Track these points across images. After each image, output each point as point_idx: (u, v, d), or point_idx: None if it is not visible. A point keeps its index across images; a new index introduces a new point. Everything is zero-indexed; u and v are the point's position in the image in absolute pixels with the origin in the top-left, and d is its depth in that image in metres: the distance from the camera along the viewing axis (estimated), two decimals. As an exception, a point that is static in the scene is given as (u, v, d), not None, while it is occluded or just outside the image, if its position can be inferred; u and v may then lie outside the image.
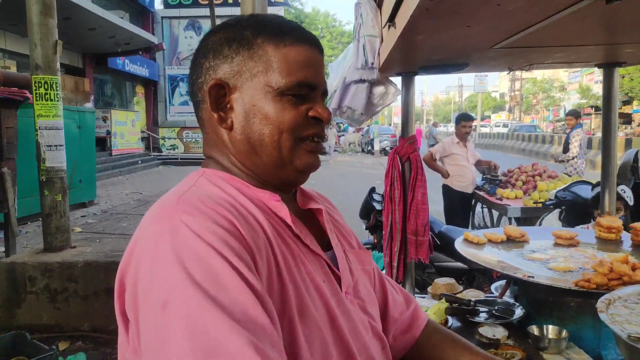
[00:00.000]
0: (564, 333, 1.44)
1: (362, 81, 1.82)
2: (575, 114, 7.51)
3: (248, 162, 0.78)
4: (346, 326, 0.74)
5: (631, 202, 3.11)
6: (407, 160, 2.01)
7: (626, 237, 1.98)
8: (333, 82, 1.99)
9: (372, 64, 1.71)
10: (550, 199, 4.07)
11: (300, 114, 0.76)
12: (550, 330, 1.48)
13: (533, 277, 1.51)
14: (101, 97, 16.72)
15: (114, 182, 12.66)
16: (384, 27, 1.57)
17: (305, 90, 0.76)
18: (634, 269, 1.36)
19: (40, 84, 3.96)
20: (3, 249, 5.24)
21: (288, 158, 0.77)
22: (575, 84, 41.99)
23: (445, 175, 5.46)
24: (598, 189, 3.18)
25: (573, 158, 7.03)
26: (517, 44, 1.35)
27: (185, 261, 0.59)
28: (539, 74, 49.32)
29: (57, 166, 4.05)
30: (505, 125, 40.36)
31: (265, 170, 0.78)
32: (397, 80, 2.09)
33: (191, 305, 0.56)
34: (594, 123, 25.89)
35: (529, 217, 4.57)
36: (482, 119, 53.88)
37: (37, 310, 3.81)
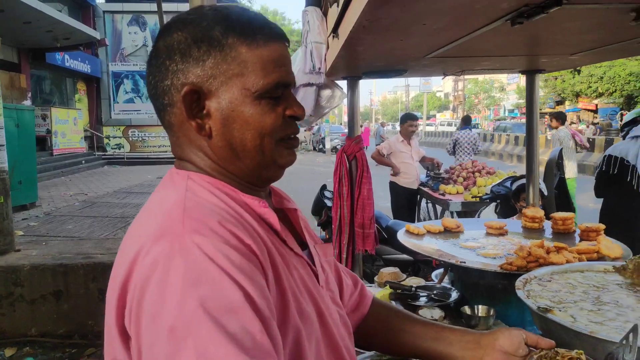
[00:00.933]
0: (492, 311, 1.62)
1: (310, 85, 1.94)
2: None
3: (230, 167, 0.76)
4: (330, 320, 0.78)
5: (546, 193, 3.40)
6: (353, 158, 2.15)
7: (548, 226, 2.22)
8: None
9: (319, 68, 1.83)
10: (487, 194, 4.36)
11: (279, 115, 0.75)
12: (481, 310, 1.66)
13: (465, 262, 1.68)
14: (39, 94, 15.93)
15: (56, 183, 12.13)
16: (329, 35, 1.69)
17: (282, 90, 0.75)
18: (548, 252, 1.56)
19: (-23, 82, 3.81)
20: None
21: (271, 159, 0.76)
22: (514, 84, 44.29)
23: (396, 169, 5.66)
24: (518, 182, 3.48)
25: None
26: (448, 53, 1.51)
27: (197, 287, 0.58)
28: (480, 75, 51.45)
29: (-3, 167, 3.91)
30: (449, 124, 41.93)
31: (248, 173, 0.77)
32: (344, 83, 2.22)
33: (201, 334, 0.55)
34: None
35: (469, 210, 4.87)
36: (428, 118, 55.63)
37: (-22, 317, 3.66)
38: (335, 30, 1.40)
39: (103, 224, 7.36)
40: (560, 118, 7.18)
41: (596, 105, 29.54)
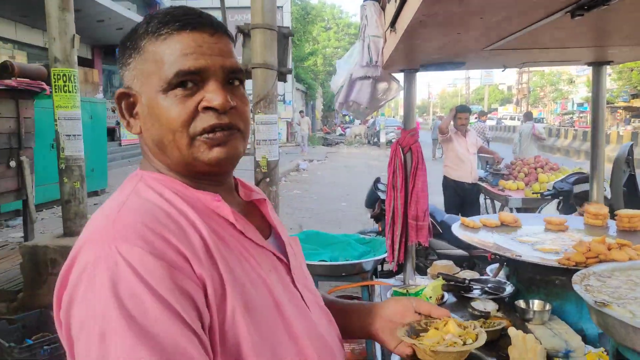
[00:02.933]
0: (547, 306, 1.60)
1: (366, 78, 1.98)
2: None
3: (166, 163, 0.78)
4: (293, 311, 0.76)
5: (609, 197, 3.25)
6: (408, 150, 2.16)
7: (613, 224, 2.13)
8: (340, 79, 2.15)
9: (376, 62, 1.86)
10: (549, 190, 4.21)
11: (188, 108, 0.72)
12: (536, 304, 1.64)
13: (521, 256, 1.67)
14: (110, 88, 16.92)
15: (124, 172, 12.89)
16: (386, 30, 1.72)
17: (189, 79, 0.72)
18: (609, 248, 1.51)
19: (59, 76, 4.13)
20: (22, 234, 5.47)
21: (190, 156, 0.74)
22: (584, 76, 41.76)
23: (452, 114, 5.44)
24: (581, 186, 3.33)
25: None
26: (508, 46, 1.49)
27: (121, 296, 0.59)
28: (547, 67, 48.98)
29: (75, 155, 4.23)
30: (512, 118, 40.25)
31: (183, 169, 0.77)
32: (400, 76, 2.24)
33: (126, 341, 0.57)
34: (601, 116, 25.95)
35: (529, 207, 4.71)
36: (490, 112, 53.67)
37: (57, 292, 4.01)
38: (392, 24, 1.43)
39: (166, 211, 7.74)
40: None
41: (676, 98, 27.32)
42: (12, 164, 4.79)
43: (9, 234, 6.12)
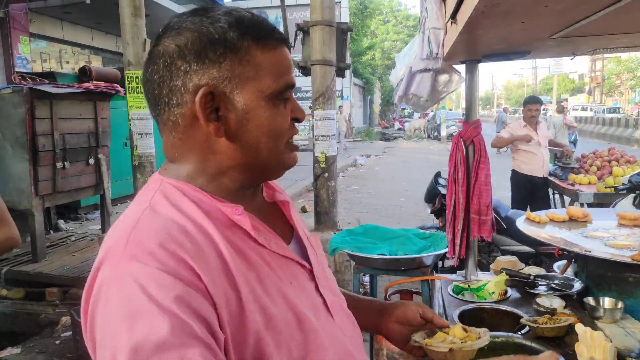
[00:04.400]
0: (620, 304, 1.53)
1: (426, 70, 1.96)
2: None
3: (235, 172, 0.77)
4: (315, 318, 0.76)
5: None
6: (470, 143, 2.13)
7: (696, 219, 1.98)
8: (399, 72, 2.14)
9: (437, 54, 1.84)
10: (624, 184, 3.96)
11: (287, 117, 0.77)
12: (607, 302, 1.57)
13: (591, 252, 1.60)
14: (176, 88, 17.72)
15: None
16: (447, 21, 1.70)
17: (289, 93, 0.77)
18: (690, 244, 1.42)
19: (132, 79, 4.41)
20: (99, 226, 5.89)
21: (279, 161, 0.78)
22: (666, 61, 38.48)
23: (526, 139, 5.12)
24: None
25: None
26: (576, 33, 1.43)
27: (129, 316, 0.60)
28: (622, 52, 45.64)
29: (147, 152, 4.50)
30: (584, 109, 37.88)
31: (252, 177, 0.79)
32: (462, 67, 2.20)
33: None
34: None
35: (602, 202, 4.45)
36: (559, 102, 50.79)
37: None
38: (453, 16, 1.41)
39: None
40: None
41: None
42: (91, 161, 5.16)
43: (89, 226, 6.60)
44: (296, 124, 0.81)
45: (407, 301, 1.07)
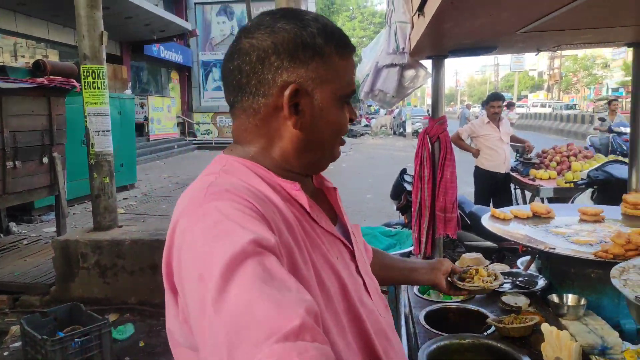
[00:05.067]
0: (582, 301, 1.53)
1: (393, 65, 1.92)
2: None
3: (294, 159, 0.86)
4: (355, 296, 0.84)
5: None
6: (436, 140, 2.10)
7: (653, 214, 2.03)
8: (365, 67, 2.09)
9: (403, 49, 1.80)
10: (582, 179, 4.06)
11: (347, 117, 0.88)
12: (570, 299, 1.57)
13: (555, 248, 1.60)
14: (138, 83, 17.22)
15: (152, 167, 13.14)
16: (413, 15, 1.66)
17: (348, 94, 0.88)
18: (651, 240, 1.43)
19: (88, 73, 4.20)
20: (54, 228, 5.63)
21: (331, 154, 0.89)
22: (620, 60, 40.18)
23: (475, 154, 5.47)
24: None
25: None
26: (542, 27, 1.42)
27: (216, 241, 0.66)
28: (579, 51, 47.42)
29: (104, 150, 4.31)
30: (543, 105, 39.12)
31: (307, 166, 0.88)
32: (428, 63, 2.17)
33: (218, 282, 0.62)
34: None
35: (562, 197, 4.56)
36: (519, 99, 52.34)
37: (88, 285, 4.11)
38: (421, 8, 1.37)
39: (194, 204, 7.85)
40: None
41: None
42: (45, 160, 4.92)
43: (43, 229, 6.31)
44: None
45: (443, 259, 1.39)
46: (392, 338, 0.90)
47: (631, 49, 2.04)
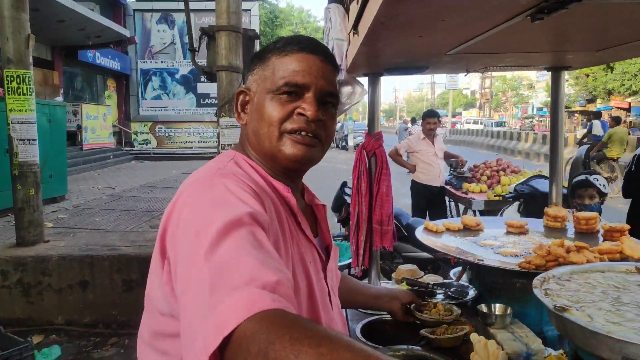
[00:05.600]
0: (509, 310, 1.61)
1: (330, 81, 1.95)
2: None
3: (258, 153, 0.96)
4: (320, 299, 0.91)
5: (605, 190, 3.32)
6: (373, 155, 2.15)
7: (570, 226, 2.18)
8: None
9: (340, 65, 1.83)
10: (510, 192, 4.29)
11: (287, 110, 0.91)
12: (497, 308, 1.64)
13: (483, 260, 1.67)
14: (71, 90, 16.39)
15: (85, 177, 12.47)
16: (349, 32, 1.70)
17: (294, 90, 0.91)
18: (568, 251, 1.53)
19: (12, 78, 3.95)
20: (-28, 244, 5.20)
21: (276, 148, 0.92)
22: (543, 82, 43.26)
23: (412, 169, 5.67)
24: (577, 178, 3.37)
25: None
26: (469, 50, 1.50)
27: (218, 207, 0.75)
28: (508, 72, 50.54)
29: (29, 160, 4.04)
30: (476, 122, 41.24)
31: (266, 159, 0.96)
32: (365, 80, 2.22)
33: (213, 238, 0.69)
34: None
35: (492, 209, 4.80)
36: (454, 116, 54.85)
37: (9, 305, 3.82)
38: (355, 26, 1.41)
39: (129, 217, 7.54)
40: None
41: (629, 103, 28.59)
42: (-38, 169, 4.55)
43: (-41, 243, 5.80)
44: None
45: (405, 290, 1.55)
46: None
47: (550, 72, 2.20)
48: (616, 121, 11.56)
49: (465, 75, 2.09)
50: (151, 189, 10.55)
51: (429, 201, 5.60)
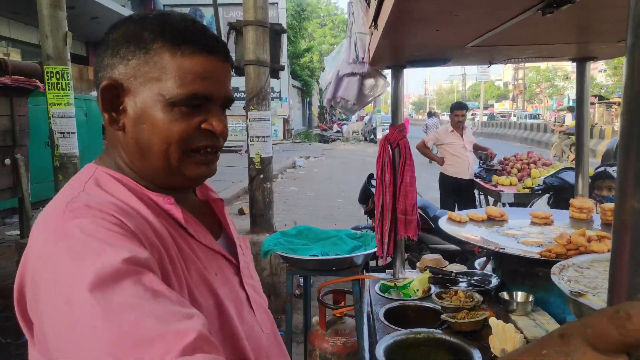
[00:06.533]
0: (530, 297, 1.64)
1: (353, 74, 2.00)
2: None
3: (138, 164, 0.78)
4: (234, 312, 0.79)
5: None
6: (396, 146, 2.19)
7: (597, 217, 2.17)
8: (328, 75, 2.17)
9: (363, 58, 1.88)
10: (539, 185, 4.24)
11: (191, 126, 0.75)
12: (519, 296, 1.67)
13: (504, 249, 1.70)
14: (105, 85, 16.86)
15: (119, 170, 12.85)
16: (370, 26, 1.74)
17: (200, 102, 0.75)
18: (589, 240, 1.55)
19: (52, 74, 4.14)
20: (17, 231, 5.48)
21: (177, 168, 0.77)
22: (579, 72, 41.71)
23: (440, 162, 5.64)
24: (597, 170, 3.32)
25: None
26: (488, 42, 1.52)
27: (81, 261, 0.60)
28: (542, 63, 49.05)
29: (69, 152, 4.24)
30: (508, 114, 40.30)
31: (154, 175, 0.78)
32: (389, 73, 2.26)
33: (91, 302, 0.57)
34: (597, 112, 26.01)
35: (521, 202, 4.74)
36: (485, 108, 53.72)
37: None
38: (375, 20, 1.45)
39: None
40: None
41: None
42: (7, 161, 4.80)
43: (6, 232, 6.13)
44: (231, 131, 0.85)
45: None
46: (272, 357, 0.86)
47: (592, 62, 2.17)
48: None
49: (489, 67, 2.09)
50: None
51: (458, 194, 5.57)
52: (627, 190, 0.43)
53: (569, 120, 16.43)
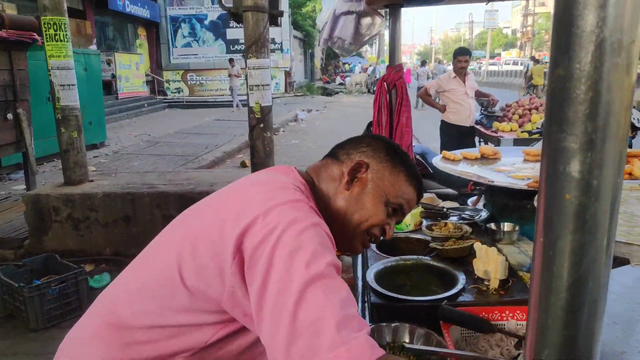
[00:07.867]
0: (516, 227, 1.71)
1: (350, 12, 1.99)
2: None
3: (327, 213, 1.03)
4: None
5: (638, 125, 3.29)
6: (393, 87, 2.21)
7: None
8: (324, 15, 2.16)
9: (358, -4, 1.87)
10: (537, 128, 4.26)
11: (382, 221, 1.05)
12: (506, 226, 1.75)
13: (493, 182, 1.76)
14: (103, 40, 16.58)
15: (122, 125, 12.90)
16: (364, -39, 1.73)
17: (396, 211, 1.07)
18: (575, 171, 1.60)
19: (49, 25, 4.10)
20: (23, 186, 5.59)
21: (351, 236, 1.05)
22: (589, 18, 40.33)
23: (442, 110, 5.62)
24: None
25: None
26: (482, -26, 1.51)
27: (324, 246, 0.84)
28: (553, 7, 47.34)
29: (71, 104, 4.27)
30: (515, 63, 39.42)
31: (330, 222, 0.98)
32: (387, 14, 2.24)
33: (325, 273, 0.79)
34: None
35: (521, 147, 4.77)
36: (492, 57, 52.51)
37: (62, 237, 4.17)
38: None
39: (165, 161, 7.86)
40: None
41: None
42: (9, 116, 4.83)
43: (11, 187, 6.25)
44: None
45: None
46: None
47: None
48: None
49: (487, 4, 2.08)
50: (185, 135, 10.85)
51: (458, 141, 5.57)
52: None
53: None
